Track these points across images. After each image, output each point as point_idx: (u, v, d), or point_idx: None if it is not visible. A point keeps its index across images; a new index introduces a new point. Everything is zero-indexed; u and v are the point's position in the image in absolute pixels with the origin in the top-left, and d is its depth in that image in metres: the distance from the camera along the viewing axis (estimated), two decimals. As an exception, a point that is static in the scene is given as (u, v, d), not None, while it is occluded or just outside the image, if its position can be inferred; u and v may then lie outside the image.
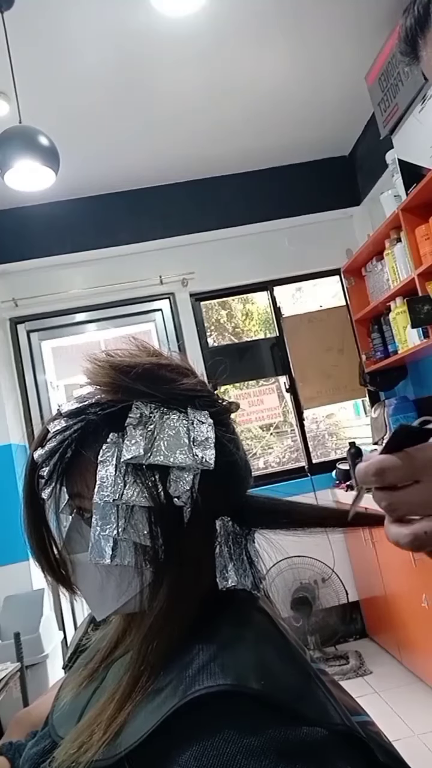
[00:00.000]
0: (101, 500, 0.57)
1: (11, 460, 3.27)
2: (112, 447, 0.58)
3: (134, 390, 0.59)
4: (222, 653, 0.52)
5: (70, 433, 0.59)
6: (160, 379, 0.61)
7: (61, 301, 3.61)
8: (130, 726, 0.51)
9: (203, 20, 2.45)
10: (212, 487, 0.59)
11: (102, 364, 0.61)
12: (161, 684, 0.52)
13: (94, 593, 0.62)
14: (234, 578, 0.59)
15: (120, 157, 3.36)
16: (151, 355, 0.65)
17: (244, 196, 3.78)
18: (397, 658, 3.09)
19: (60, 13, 2.29)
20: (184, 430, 0.59)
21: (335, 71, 2.99)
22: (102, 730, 0.52)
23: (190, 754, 0.45)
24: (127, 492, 0.57)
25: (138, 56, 2.61)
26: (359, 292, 3.61)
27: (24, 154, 2.22)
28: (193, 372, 0.65)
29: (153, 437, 0.58)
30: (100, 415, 0.59)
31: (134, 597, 0.59)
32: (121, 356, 0.63)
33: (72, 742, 0.53)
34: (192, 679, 0.50)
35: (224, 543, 0.60)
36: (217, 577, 0.59)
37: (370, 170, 3.61)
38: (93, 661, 0.69)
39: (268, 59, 2.82)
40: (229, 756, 0.44)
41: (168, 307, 3.75)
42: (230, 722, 0.47)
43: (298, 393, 3.72)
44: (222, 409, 0.64)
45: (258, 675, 0.50)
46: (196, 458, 0.58)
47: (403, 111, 2.69)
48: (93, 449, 0.59)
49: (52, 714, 0.67)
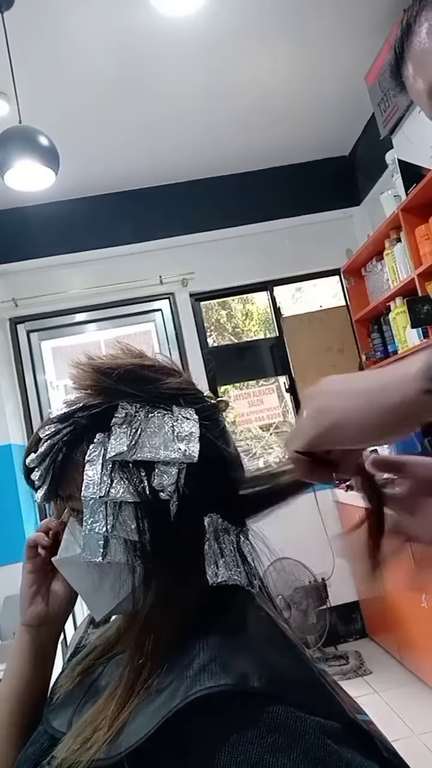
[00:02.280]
0: (89, 498, 0.58)
1: (11, 460, 3.27)
2: (99, 446, 0.59)
3: (117, 391, 0.61)
4: (222, 652, 0.52)
5: (59, 437, 0.61)
6: (143, 380, 0.62)
7: (61, 301, 3.61)
8: (132, 725, 0.51)
9: (203, 20, 2.45)
10: (199, 482, 0.60)
11: (84, 367, 0.63)
12: (162, 684, 0.52)
13: (91, 594, 0.63)
14: (225, 574, 0.59)
15: (120, 157, 3.37)
16: (135, 356, 0.66)
17: (244, 196, 3.78)
18: (397, 658, 3.09)
19: (60, 13, 2.29)
20: (168, 427, 0.60)
21: (335, 71, 2.99)
22: (105, 728, 0.52)
23: (216, 763, 0.45)
24: (114, 489, 0.58)
25: (138, 56, 2.61)
26: (359, 292, 3.61)
27: (24, 154, 2.22)
28: (179, 371, 0.66)
29: (137, 434, 0.59)
30: (86, 418, 0.61)
31: (129, 595, 0.60)
32: (103, 359, 0.64)
33: (74, 738, 0.53)
34: (193, 680, 0.50)
35: (213, 538, 0.60)
36: (207, 573, 0.59)
37: (369, 170, 3.61)
38: (89, 657, 0.70)
39: (268, 59, 2.82)
40: (257, 757, 0.44)
41: (168, 307, 3.75)
42: (238, 722, 0.47)
43: (297, 393, 3.72)
44: (209, 406, 0.65)
45: (260, 673, 0.50)
46: (180, 452, 0.59)
47: (403, 111, 2.69)
48: (82, 451, 0.60)
49: (46, 708, 0.67)
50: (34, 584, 0.72)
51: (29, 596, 0.72)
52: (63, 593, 0.73)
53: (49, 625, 0.72)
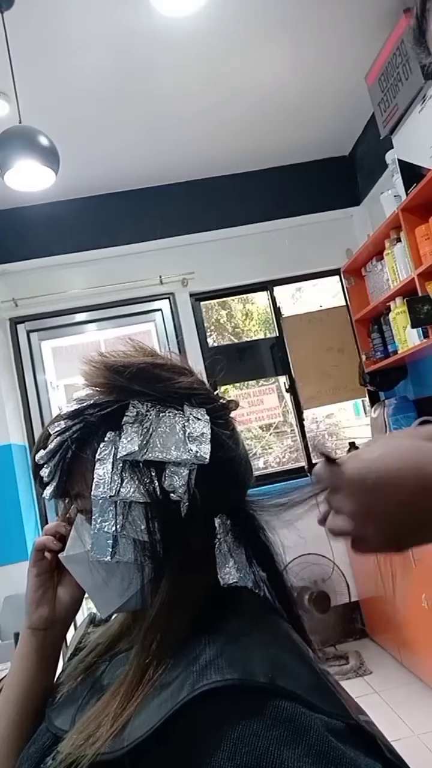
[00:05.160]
0: (99, 497, 0.58)
1: (11, 460, 3.27)
2: (109, 445, 0.59)
3: (129, 389, 0.61)
4: (229, 648, 0.53)
5: (69, 434, 0.61)
6: (155, 378, 0.62)
7: (61, 301, 3.61)
8: (137, 720, 0.51)
9: (203, 20, 2.45)
10: (210, 482, 0.60)
11: (97, 365, 0.63)
12: (168, 679, 0.52)
13: (97, 591, 0.63)
14: (235, 575, 0.60)
15: (120, 156, 3.37)
16: (147, 355, 0.65)
17: (244, 196, 3.78)
18: (397, 658, 3.09)
19: (60, 13, 2.29)
20: (179, 427, 0.60)
21: (335, 71, 2.99)
22: (110, 722, 0.52)
23: (221, 755, 0.45)
24: (124, 488, 0.58)
25: (138, 56, 2.61)
26: (359, 292, 3.61)
27: (24, 154, 2.22)
28: (191, 371, 0.66)
29: (148, 434, 0.59)
30: (97, 416, 0.60)
31: (136, 594, 0.60)
32: (116, 357, 0.64)
33: (79, 734, 0.53)
34: (199, 674, 0.50)
35: (224, 540, 0.61)
36: (219, 574, 0.59)
37: (370, 170, 3.61)
38: (91, 655, 0.70)
39: (268, 59, 2.82)
40: (262, 749, 0.44)
41: (168, 307, 3.75)
42: (243, 715, 0.47)
43: (298, 393, 3.72)
44: (220, 406, 0.65)
45: (265, 669, 0.50)
46: (191, 453, 0.59)
47: (403, 111, 2.69)
48: (92, 449, 0.60)
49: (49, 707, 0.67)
50: (40, 588, 0.72)
51: (35, 600, 0.71)
52: (68, 597, 0.73)
53: (55, 628, 0.72)
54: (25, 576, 0.73)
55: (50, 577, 0.72)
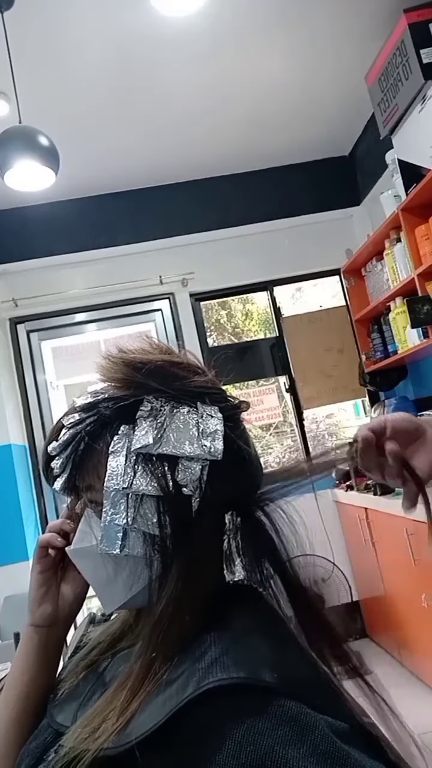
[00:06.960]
0: (111, 489, 0.58)
1: (11, 460, 3.27)
2: (123, 438, 0.60)
3: (146, 386, 0.61)
4: (234, 646, 0.53)
5: (82, 426, 0.61)
6: (171, 376, 0.62)
7: (61, 301, 3.62)
8: (141, 716, 0.51)
9: (203, 20, 2.46)
10: (221, 479, 0.60)
11: (115, 360, 0.63)
12: (173, 675, 0.52)
13: (104, 586, 0.63)
14: (241, 573, 0.60)
15: (120, 156, 3.37)
16: (164, 352, 0.66)
17: (244, 196, 3.78)
18: (397, 658, 3.09)
19: (60, 13, 2.29)
20: (193, 423, 0.60)
21: (335, 71, 2.99)
22: (115, 717, 0.52)
23: (226, 753, 0.45)
24: (136, 481, 0.58)
25: (137, 56, 2.61)
26: (359, 292, 3.61)
27: (24, 154, 2.22)
28: (205, 371, 0.66)
29: (162, 428, 0.59)
30: (112, 409, 0.61)
31: (143, 589, 0.60)
32: (134, 353, 0.65)
33: (83, 728, 0.53)
34: (205, 672, 0.50)
35: (233, 537, 0.61)
36: (225, 570, 0.60)
37: (370, 170, 3.61)
38: (93, 652, 0.70)
39: (268, 59, 2.83)
40: (267, 748, 0.44)
41: (168, 307, 3.75)
42: (248, 714, 0.47)
43: (298, 393, 3.72)
44: (232, 406, 0.65)
45: (271, 668, 0.50)
46: (204, 448, 0.59)
47: (403, 111, 2.69)
48: (105, 442, 0.60)
49: (50, 704, 0.67)
50: (43, 585, 0.72)
51: (38, 597, 0.71)
52: (71, 594, 0.73)
53: (57, 625, 0.72)
54: (26, 576, 0.73)
55: (54, 574, 0.72)
